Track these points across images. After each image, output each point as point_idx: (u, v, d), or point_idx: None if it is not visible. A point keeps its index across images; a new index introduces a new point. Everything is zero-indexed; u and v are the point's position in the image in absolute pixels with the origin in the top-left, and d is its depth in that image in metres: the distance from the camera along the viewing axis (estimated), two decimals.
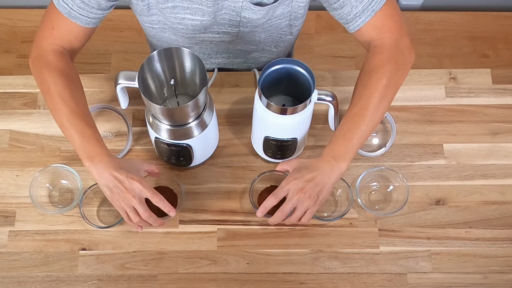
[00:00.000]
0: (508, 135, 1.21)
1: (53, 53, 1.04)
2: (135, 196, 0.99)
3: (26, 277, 1.11)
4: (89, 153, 0.99)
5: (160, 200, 1.00)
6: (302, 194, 1.00)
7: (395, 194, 1.15)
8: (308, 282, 1.11)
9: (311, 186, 1.00)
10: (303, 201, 1.00)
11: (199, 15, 1.07)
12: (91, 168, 0.99)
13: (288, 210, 1.02)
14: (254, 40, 1.18)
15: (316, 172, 1.00)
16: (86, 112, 1.02)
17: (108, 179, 0.98)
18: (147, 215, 1.01)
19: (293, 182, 1.00)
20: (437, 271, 1.12)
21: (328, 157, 1.00)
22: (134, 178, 0.98)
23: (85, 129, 1.00)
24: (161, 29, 1.15)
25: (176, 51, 1.00)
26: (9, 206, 1.16)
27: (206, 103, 1.04)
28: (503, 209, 1.16)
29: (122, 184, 0.98)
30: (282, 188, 1.01)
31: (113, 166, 0.98)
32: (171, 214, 1.02)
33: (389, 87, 1.01)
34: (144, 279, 1.11)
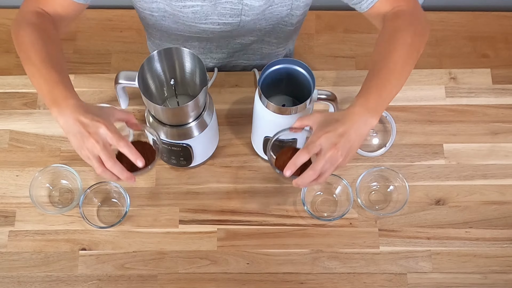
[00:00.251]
0: (508, 135, 1.21)
1: (34, 13, 1.00)
2: (98, 141, 0.87)
3: (26, 277, 1.11)
4: (55, 98, 0.90)
5: (126, 146, 0.88)
6: (336, 150, 0.89)
7: (395, 194, 1.15)
8: (308, 282, 1.11)
9: (344, 142, 0.89)
10: (336, 158, 0.90)
11: (199, 1, 1.06)
12: (57, 115, 0.89)
13: (320, 167, 0.90)
14: (254, 29, 1.16)
15: (349, 124, 0.90)
16: (57, 62, 0.95)
17: (73, 125, 0.88)
18: (111, 164, 0.88)
19: (325, 137, 0.89)
20: (437, 271, 1.12)
21: (361, 108, 0.91)
22: (99, 121, 0.87)
23: (53, 75, 0.92)
24: (161, 17, 1.13)
25: (176, 51, 1.00)
26: (9, 206, 1.16)
27: (206, 103, 1.04)
28: (503, 209, 1.16)
29: (86, 128, 0.87)
30: (313, 142, 0.90)
31: (79, 110, 0.88)
32: (138, 163, 0.89)
33: (413, 48, 0.96)
34: (144, 279, 1.11)
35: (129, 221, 1.15)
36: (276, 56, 1.31)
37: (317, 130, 0.92)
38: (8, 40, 2.13)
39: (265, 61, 1.31)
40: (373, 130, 1.21)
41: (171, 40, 1.21)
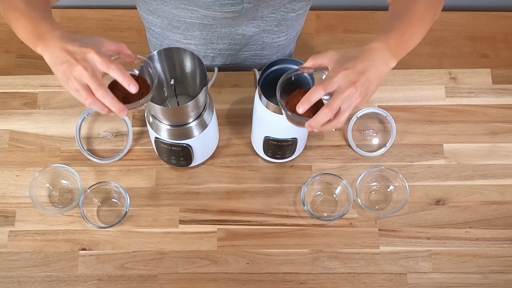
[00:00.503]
0: (508, 135, 1.21)
1: None
2: (87, 67, 0.79)
3: (26, 277, 1.11)
4: (39, 34, 0.83)
5: (117, 69, 0.80)
6: (354, 89, 0.81)
7: (395, 194, 1.15)
8: (308, 282, 1.11)
9: (363, 80, 0.82)
10: (354, 97, 0.82)
11: None
12: (43, 49, 0.82)
13: (337, 106, 0.82)
14: (256, 17, 1.15)
15: (368, 62, 0.84)
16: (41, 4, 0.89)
17: (59, 55, 0.80)
18: (102, 92, 0.79)
19: (343, 74, 0.82)
20: (437, 271, 1.12)
21: (382, 45, 0.85)
22: (87, 47, 0.80)
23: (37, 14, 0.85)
24: (162, 2, 1.13)
25: (176, 51, 1.00)
26: (9, 206, 1.16)
27: (206, 103, 1.04)
28: (503, 209, 1.16)
29: (72, 56, 0.79)
30: (331, 79, 0.82)
31: (65, 39, 0.81)
32: (131, 89, 0.81)
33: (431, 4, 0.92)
34: (144, 279, 1.11)
35: (129, 221, 1.15)
36: (277, 47, 1.30)
37: (335, 67, 0.84)
38: (8, 40, 2.13)
39: (266, 52, 1.30)
40: (373, 130, 1.21)
41: (172, 28, 1.19)
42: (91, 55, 0.79)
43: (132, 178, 1.17)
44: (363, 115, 1.21)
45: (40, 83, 1.25)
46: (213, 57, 1.28)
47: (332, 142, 1.20)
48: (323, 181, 1.15)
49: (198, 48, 1.25)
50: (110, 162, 1.18)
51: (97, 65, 0.80)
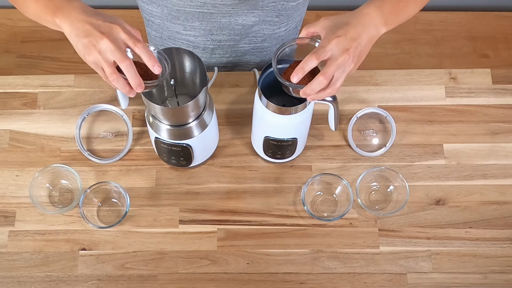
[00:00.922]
0: (508, 135, 1.21)
1: None
2: (113, 41, 0.79)
3: (26, 277, 1.11)
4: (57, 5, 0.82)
5: (143, 48, 0.81)
6: (347, 55, 0.83)
7: (395, 194, 1.15)
8: (308, 282, 1.11)
9: (356, 46, 0.84)
10: (347, 64, 0.84)
11: None
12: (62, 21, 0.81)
13: (332, 73, 0.84)
14: (256, 6, 1.15)
15: (360, 28, 0.84)
16: None
17: (82, 27, 0.79)
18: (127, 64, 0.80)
19: (336, 41, 0.83)
20: (437, 271, 1.12)
21: (375, 10, 0.86)
22: (114, 22, 0.80)
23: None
24: None
25: (176, 51, 1.00)
26: (9, 206, 1.16)
27: (206, 103, 1.04)
28: (503, 209, 1.16)
29: (98, 29, 0.79)
30: (324, 47, 0.83)
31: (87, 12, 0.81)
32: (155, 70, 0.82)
33: None
34: (144, 279, 1.11)
35: (129, 221, 1.15)
36: (277, 38, 1.29)
37: (327, 35, 0.85)
38: (8, 40, 2.13)
39: (266, 44, 1.29)
40: (373, 130, 1.21)
41: (172, 18, 1.19)
42: (118, 31, 0.79)
43: (132, 178, 1.17)
44: (363, 115, 1.21)
45: (40, 83, 1.25)
46: (213, 49, 1.27)
47: (332, 142, 1.20)
48: (323, 181, 1.15)
49: (198, 40, 1.24)
50: (110, 162, 1.18)
51: (125, 41, 0.80)
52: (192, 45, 1.25)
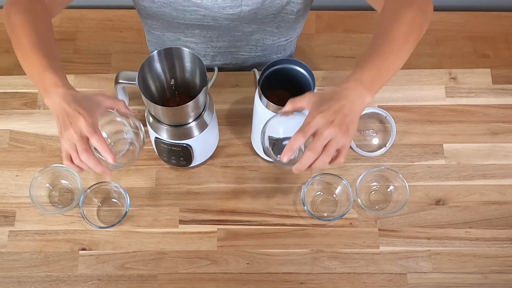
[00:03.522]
0: (508, 135, 1.21)
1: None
2: (77, 131, 0.86)
3: (26, 277, 1.11)
4: (44, 85, 0.89)
5: (98, 140, 0.87)
6: (333, 127, 0.85)
7: (395, 194, 1.15)
8: (308, 282, 1.11)
9: (341, 118, 0.86)
10: (335, 134, 0.86)
11: None
12: (48, 102, 0.90)
13: (319, 147, 0.86)
14: (255, 19, 1.15)
15: (344, 100, 0.87)
16: (48, 46, 0.94)
17: (59, 112, 0.88)
18: (86, 156, 0.87)
19: (320, 116, 0.86)
20: (437, 271, 1.12)
21: (356, 83, 0.88)
22: (80, 112, 0.86)
23: (43, 60, 0.91)
24: (162, 4, 1.13)
25: (176, 51, 1.00)
26: (9, 206, 1.16)
27: (206, 103, 1.04)
28: (503, 209, 1.16)
29: (68, 118, 0.87)
30: (308, 124, 0.86)
31: (66, 98, 0.88)
32: (108, 159, 0.88)
33: (414, 26, 0.93)
34: (144, 279, 1.11)
35: (129, 221, 1.15)
36: (277, 48, 1.30)
37: (312, 110, 0.88)
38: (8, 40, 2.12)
39: (267, 53, 1.30)
40: (373, 130, 1.21)
41: (172, 29, 1.20)
42: (80, 122, 0.86)
43: (132, 178, 1.17)
44: (363, 115, 1.21)
45: None
46: (213, 56, 1.27)
47: None
48: (323, 181, 1.15)
49: (198, 47, 1.25)
50: None
51: (84, 131, 0.86)
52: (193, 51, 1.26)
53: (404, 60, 0.93)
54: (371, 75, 0.89)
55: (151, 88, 1.05)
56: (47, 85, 0.89)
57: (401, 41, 0.92)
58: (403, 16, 0.93)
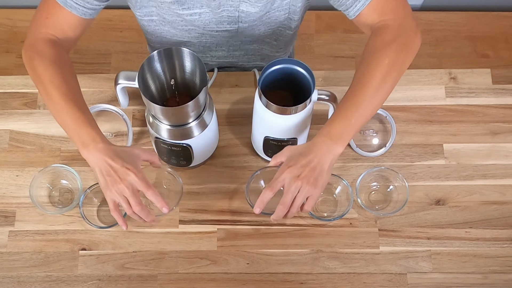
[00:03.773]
0: (508, 135, 1.21)
1: (46, 42, 1.02)
2: (128, 187, 0.94)
3: (26, 277, 1.11)
4: (83, 140, 0.95)
5: (154, 194, 0.95)
6: (299, 181, 0.93)
7: (395, 194, 1.15)
8: (308, 282, 1.11)
9: (308, 171, 0.93)
10: (302, 188, 0.93)
11: (197, 8, 1.06)
12: (87, 155, 0.95)
13: (289, 201, 0.94)
14: (254, 34, 1.17)
15: (311, 155, 0.94)
16: (79, 98, 0.99)
17: (102, 167, 0.94)
18: (139, 208, 0.96)
19: (288, 171, 0.94)
20: (437, 271, 1.12)
21: (323, 138, 0.94)
22: (129, 168, 0.94)
23: (77, 114, 0.96)
24: (161, 22, 1.14)
25: (176, 51, 1.00)
26: (9, 206, 1.16)
27: (206, 103, 1.04)
28: (503, 209, 1.16)
29: (116, 173, 0.94)
30: (276, 179, 0.94)
31: (108, 154, 0.94)
32: (164, 210, 0.96)
33: (393, 67, 0.95)
34: (144, 279, 1.11)
35: (129, 221, 1.14)
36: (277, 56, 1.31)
37: (282, 166, 0.96)
38: (8, 40, 2.13)
39: (265, 62, 1.31)
40: (373, 130, 1.21)
41: (172, 44, 1.21)
42: (132, 178, 0.94)
43: None
44: None
45: None
46: (213, 65, 1.29)
47: None
48: None
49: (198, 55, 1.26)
50: None
51: (137, 187, 0.94)
52: None
53: (381, 101, 0.97)
54: (340, 128, 0.94)
55: (151, 88, 1.05)
56: (86, 140, 0.95)
57: (376, 86, 0.95)
58: (382, 59, 0.95)
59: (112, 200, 0.97)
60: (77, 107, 0.97)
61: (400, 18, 0.99)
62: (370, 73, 0.95)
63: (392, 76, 0.96)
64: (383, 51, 0.96)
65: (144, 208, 0.96)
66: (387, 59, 0.95)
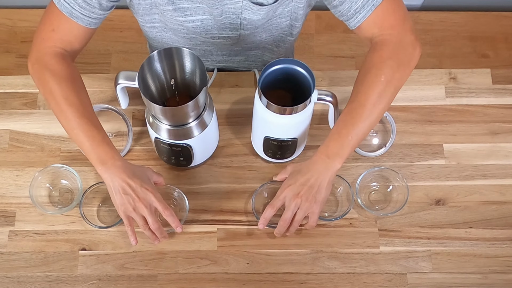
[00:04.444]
0: (508, 135, 1.21)
1: (54, 56, 1.02)
2: (147, 206, 0.99)
3: (26, 277, 1.11)
4: (100, 157, 0.98)
5: (170, 215, 1.01)
6: (299, 198, 1.00)
7: (395, 194, 1.15)
8: (308, 282, 1.11)
9: (307, 189, 1.00)
10: (301, 205, 1.01)
11: (199, 14, 1.07)
12: (103, 173, 0.99)
13: (289, 217, 1.02)
14: (255, 41, 1.18)
15: (310, 173, 1.00)
16: (93, 115, 1.02)
17: (121, 185, 0.98)
18: (156, 226, 1.01)
19: (288, 189, 1.01)
20: (437, 271, 1.12)
21: (322, 156, 0.99)
22: (148, 188, 0.99)
23: (94, 132, 0.99)
24: (163, 29, 1.15)
25: (176, 51, 1.00)
26: (9, 206, 1.16)
27: (206, 103, 1.04)
28: (503, 209, 1.16)
29: (135, 192, 0.98)
30: (277, 197, 1.02)
31: (126, 172, 0.98)
32: (178, 230, 1.03)
33: (389, 84, 0.97)
34: (144, 279, 1.11)
35: None
36: None
37: (283, 184, 1.03)
38: (8, 40, 2.13)
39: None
40: (373, 130, 1.21)
41: None
42: (151, 198, 0.99)
43: None
44: None
45: None
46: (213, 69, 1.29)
47: None
48: None
49: None
50: None
51: (156, 206, 1.00)
52: None
53: (377, 118, 0.99)
54: (337, 146, 0.98)
55: (151, 88, 1.05)
56: (103, 158, 0.98)
57: (372, 105, 0.97)
58: (378, 77, 0.97)
59: (127, 217, 1.01)
60: (92, 125, 0.99)
61: (399, 32, 1.00)
62: (366, 92, 0.97)
63: (388, 94, 0.98)
64: (379, 68, 0.98)
65: (161, 227, 1.03)
66: (383, 76, 0.97)
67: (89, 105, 1.02)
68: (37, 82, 1.03)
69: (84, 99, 1.02)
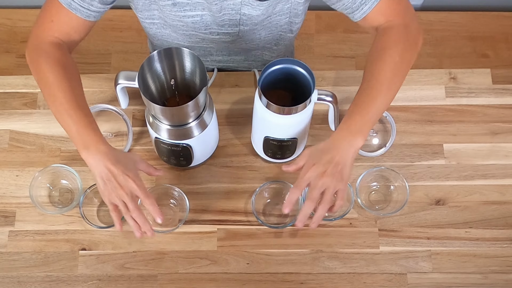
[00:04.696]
0: (508, 135, 1.21)
1: (51, 44, 1.02)
2: (128, 192, 0.96)
3: (26, 277, 1.11)
4: (84, 142, 0.96)
5: (151, 203, 0.97)
6: (326, 177, 0.94)
7: (395, 194, 1.15)
8: (308, 282, 1.11)
9: (333, 167, 0.94)
10: (329, 183, 0.94)
11: (199, 10, 1.07)
12: (87, 157, 0.96)
13: (316, 196, 0.95)
14: (254, 39, 1.18)
15: (334, 151, 0.95)
16: (83, 102, 1.00)
17: (103, 171, 0.96)
18: (137, 213, 0.97)
19: (312, 169, 0.95)
20: (437, 271, 1.12)
21: (344, 133, 0.96)
22: (129, 175, 0.96)
23: (81, 117, 0.97)
24: (162, 25, 1.15)
25: (176, 51, 1.00)
26: (9, 206, 1.16)
27: (206, 103, 1.04)
28: (503, 209, 1.16)
29: (116, 178, 0.95)
30: (302, 178, 0.96)
31: (109, 158, 0.96)
32: (158, 220, 0.98)
33: (402, 64, 0.98)
34: (144, 279, 1.11)
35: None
36: None
37: (305, 165, 0.96)
38: (8, 40, 2.13)
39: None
40: (373, 130, 1.21)
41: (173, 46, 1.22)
42: (131, 185, 0.95)
43: None
44: None
45: None
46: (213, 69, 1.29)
47: None
48: None
49: None
50: None
51: (136, 194, 0.96)
52: None
53: (393, 96, 0.99)
54: (359, 122, 0.96)
55: (151, 88, 1.05)
56: (87, 142, 0.96)
57: (388, 82, 0.97)
58: (390, 57, 0.98)
59: (110, 203, 0.98)
60: (80, 110, 0.98)
61: (404, 19, 1.01)
62: (383, 69, 0.97)
63: (402, 73, 0.99)
64: (392, 49, 0.99)
65: (141, 214, 0.98)
66: (397, 56, 0.98)
67: (80, 92, 1.01)
68: (32, 68, 1.02)
69: (76, 87, 1.01)
